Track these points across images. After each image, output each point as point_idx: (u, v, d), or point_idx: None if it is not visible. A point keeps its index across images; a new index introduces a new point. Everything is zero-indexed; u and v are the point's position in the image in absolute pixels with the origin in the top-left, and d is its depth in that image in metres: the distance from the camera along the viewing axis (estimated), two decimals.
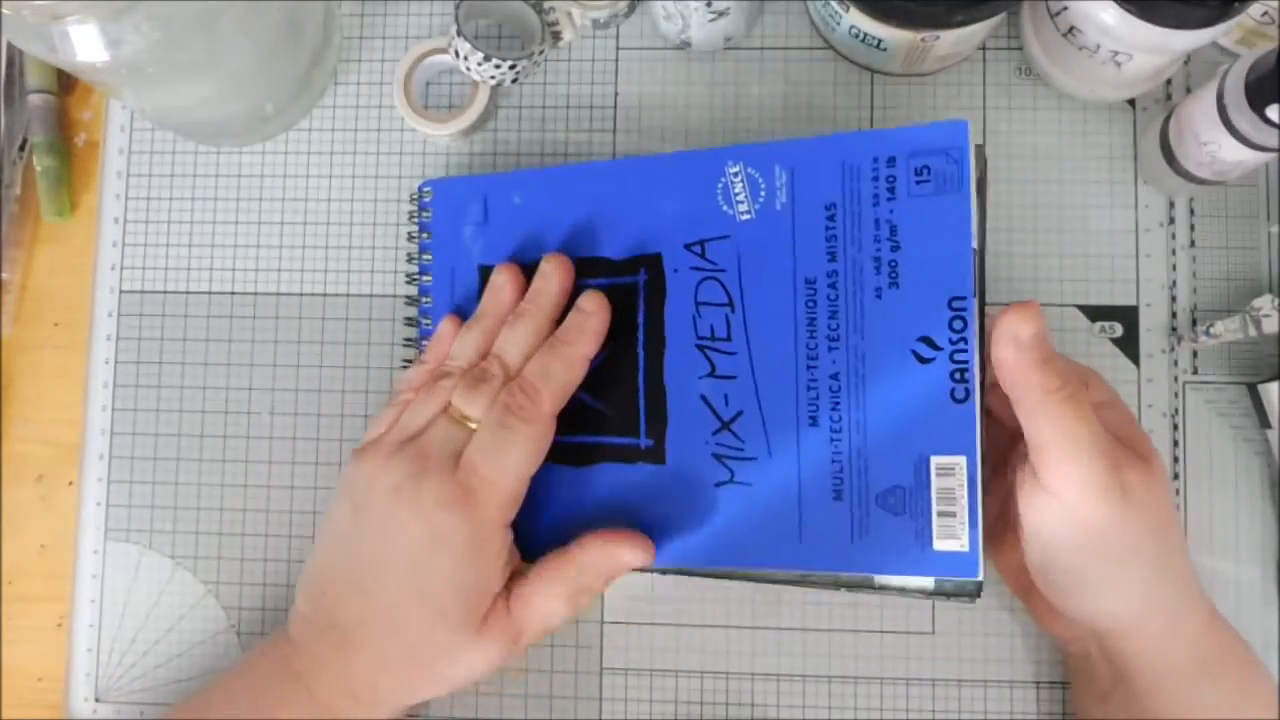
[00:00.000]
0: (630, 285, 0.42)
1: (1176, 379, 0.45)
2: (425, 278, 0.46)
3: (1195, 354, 0.45)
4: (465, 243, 0.45)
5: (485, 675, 0.39)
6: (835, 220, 0.39)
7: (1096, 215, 0.46)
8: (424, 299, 0.46)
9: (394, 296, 0.47)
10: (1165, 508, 0.37)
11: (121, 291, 0.48)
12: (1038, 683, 0.43)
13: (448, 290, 0.45)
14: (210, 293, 0.48)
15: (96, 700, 0.46)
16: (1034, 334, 0.34)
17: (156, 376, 0.48)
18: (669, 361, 0.41)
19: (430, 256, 0.45)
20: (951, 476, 0.36)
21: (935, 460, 0.37)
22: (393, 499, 0.38)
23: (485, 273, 0.44)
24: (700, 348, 0.40)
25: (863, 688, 0.44)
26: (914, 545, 0.37)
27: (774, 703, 0.44)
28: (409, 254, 0.47)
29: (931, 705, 0.44)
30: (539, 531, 0.41)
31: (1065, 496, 0.35)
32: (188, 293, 0.48)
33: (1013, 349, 0.35)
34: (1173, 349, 0.45)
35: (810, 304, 0.39)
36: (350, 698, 0.39)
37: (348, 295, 0.48)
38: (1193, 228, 0.45)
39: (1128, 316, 0.45)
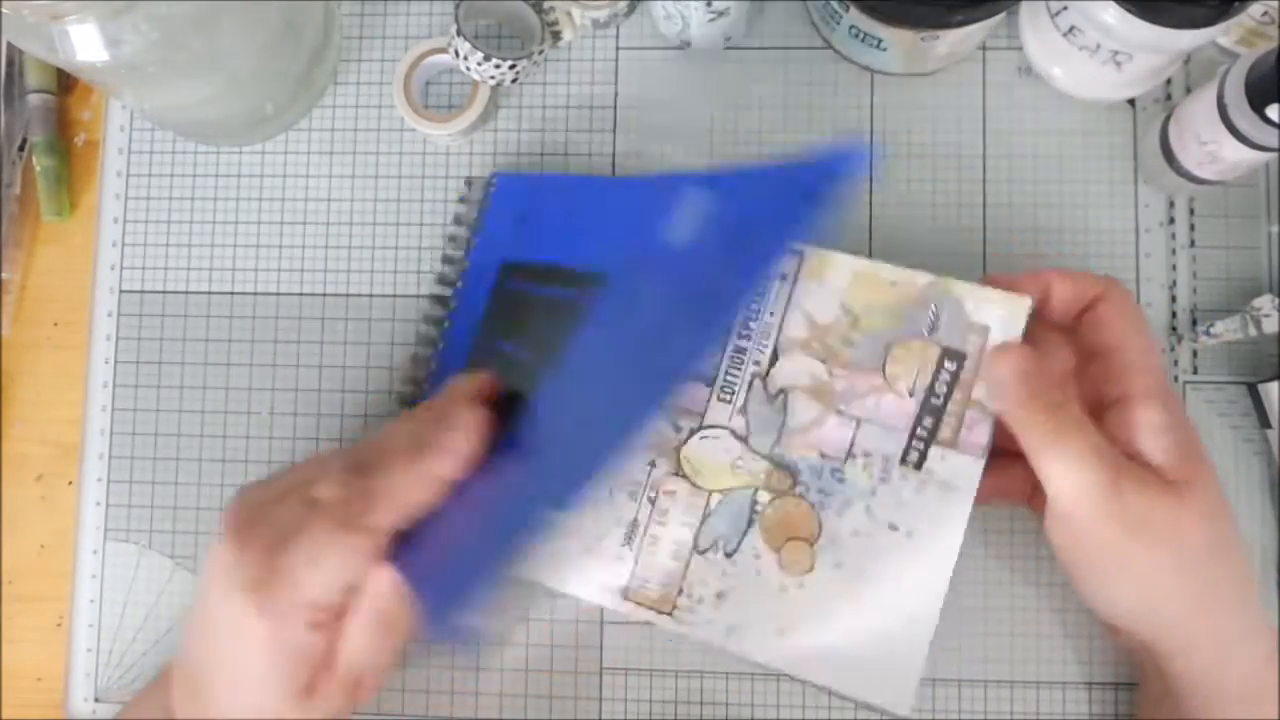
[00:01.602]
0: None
1: (1176, 379, 0.45)
2: (451, 272, 0.46)
3: (1195, 354, 0.45)
4: (503, 239, 0.45)
5: (348, 714, 0.38)
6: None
7: (1096, 215, 0.46)
8: (450, 299, 0.46)
9: (394, 296, 0.47)
10: (1200, 536, 0.36)
11: (121, 291, 0.48)
12: (1039, 683, 0.43)
13: (475, 289, 0.45)
14: (210, 293, 0.48)
15: (96, 700, 0.46)
16: (1012, 375, 0.37)
17: (156, 376, 0.48)
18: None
19: (466, 253, 0.46)
20: None
21: None
22: (219, 573, 0.36)
23: (506, 271, 0.44)
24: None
25: None
26: None
27: (774, 703, 0.44)
28: (446, 248, 0.47)
29: (932, 705, 0.44)
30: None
31: (1072, 518, 0.36)
32: (188, 293, 0.48)
33: (996, 393, 0.38)
34: (1173, 349, 0.45)
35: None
36: None
37: (347, 295, 0.48)
38: (1193, 228, 0.45)
39: None
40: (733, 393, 0.42)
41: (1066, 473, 0.35)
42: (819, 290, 0.41)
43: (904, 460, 0.40)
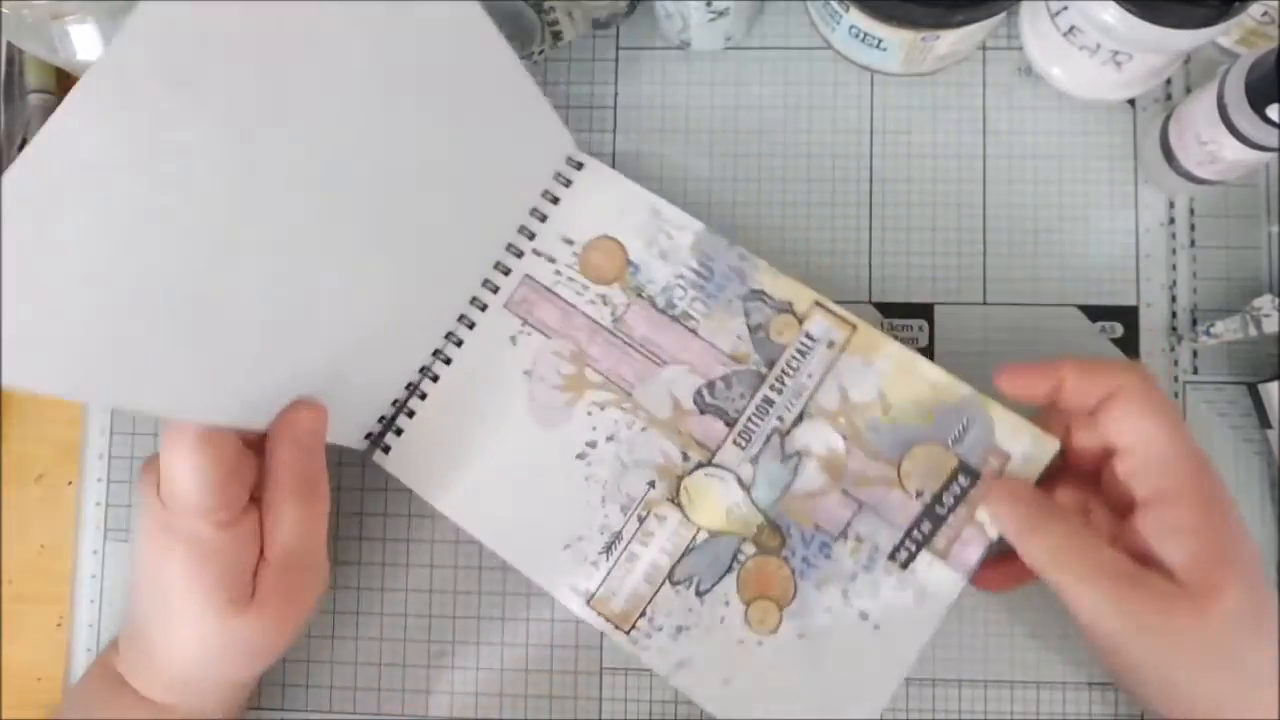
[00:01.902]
0: None
1: (1176, 379, 0.45)
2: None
3: (1195, 354, 0.45)
4: None
5: (291, 632, 0.39)
6: None
7: (1096, 215, 0.46)
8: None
9: None
10: (1229, 639, 0.34)
11: None
12: (1039, 683, 0.43)
13: None
14: None
15: None
16: (1010, 520, 0.38)
17: None
18: None
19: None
20: None
21: None
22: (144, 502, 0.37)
23: None
24: None
25: None
26: None
27: None
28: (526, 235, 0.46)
29: (932, 705, 0.44)
30: None
31: (1092, 632, 0.37)
32: None
33: (995, 521, 0.39)
34: (1173, 349, 0.45)
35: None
36: (168, 690, 0.39)
37: None
38: (1193, 228, 0.45)
39: (1128, 316, 0.45)
40: (749, 440, 0.42)
41: (1074, 596, 0.36)
42: (861, 369, 0.42)
43: (893, 556, 0.41)
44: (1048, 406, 0.39)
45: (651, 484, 0.43)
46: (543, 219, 0.45)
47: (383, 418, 0.44)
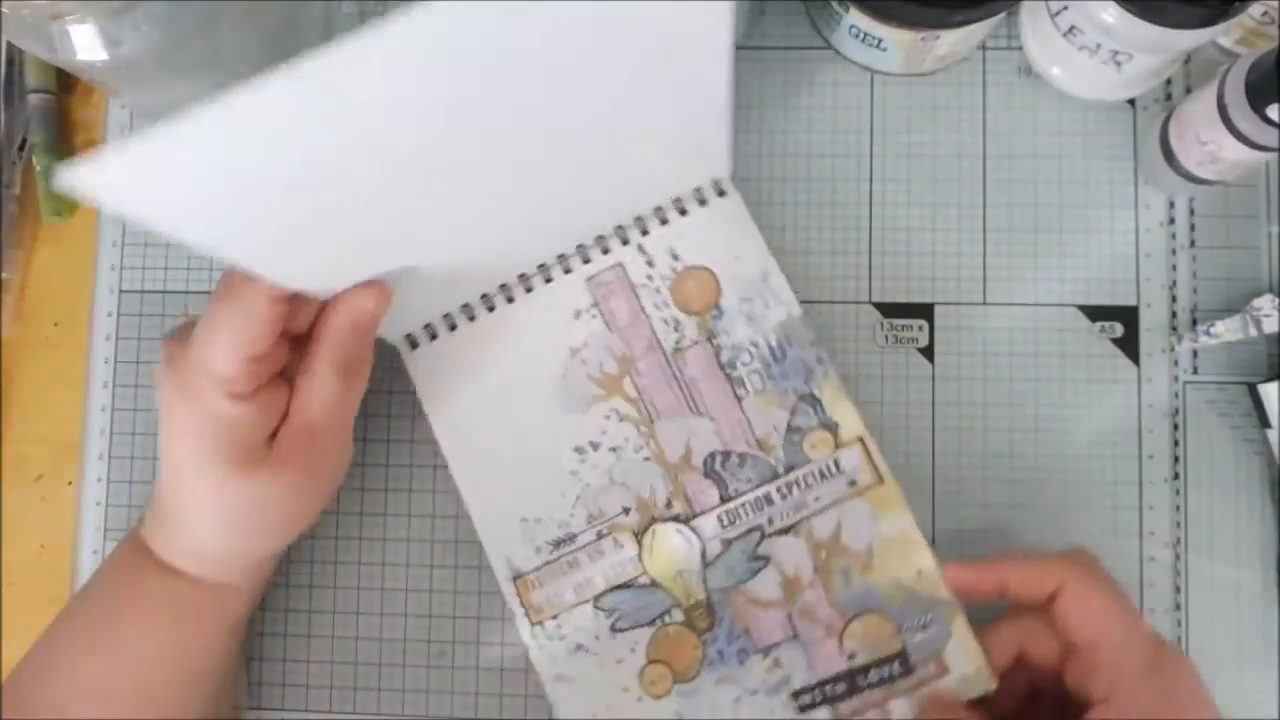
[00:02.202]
0: None
1: (1176, 379, 0.45)
2: None
3: (1195, 354, 0.45)
4: None
5: (310, 502, 0.39)
6: None
7: (1096, 215, 0.46)
8: None
9: None
10: None
11: (121, 291, 0.48)
12: None
13: None
14: (210, 293, 0.48)
15: None
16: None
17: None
18: None
19: None
20: None
21: None
22: (163, 368, 0.38)
23: None
24: None
25: None
26: None
27: None
28: None
29: None
30: None
31: None
32: (187, 293, 0.48)
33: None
34: (1173, 349, 0.45)
35: None
36: (193, 558, 0.39)
37: None
38: (1193, 228, 0.45)
39: (1128, 316, 0.45)
40: (732, 523, 0.43)
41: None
42: (866, 519, 0.42)
43: (796, 695, 0.41)
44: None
45: (627, 510, 0.43)
46: (663, 223, 0.44)
47: (428, 325, 0.44)
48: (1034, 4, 0.44)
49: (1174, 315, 0.45)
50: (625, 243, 0.44)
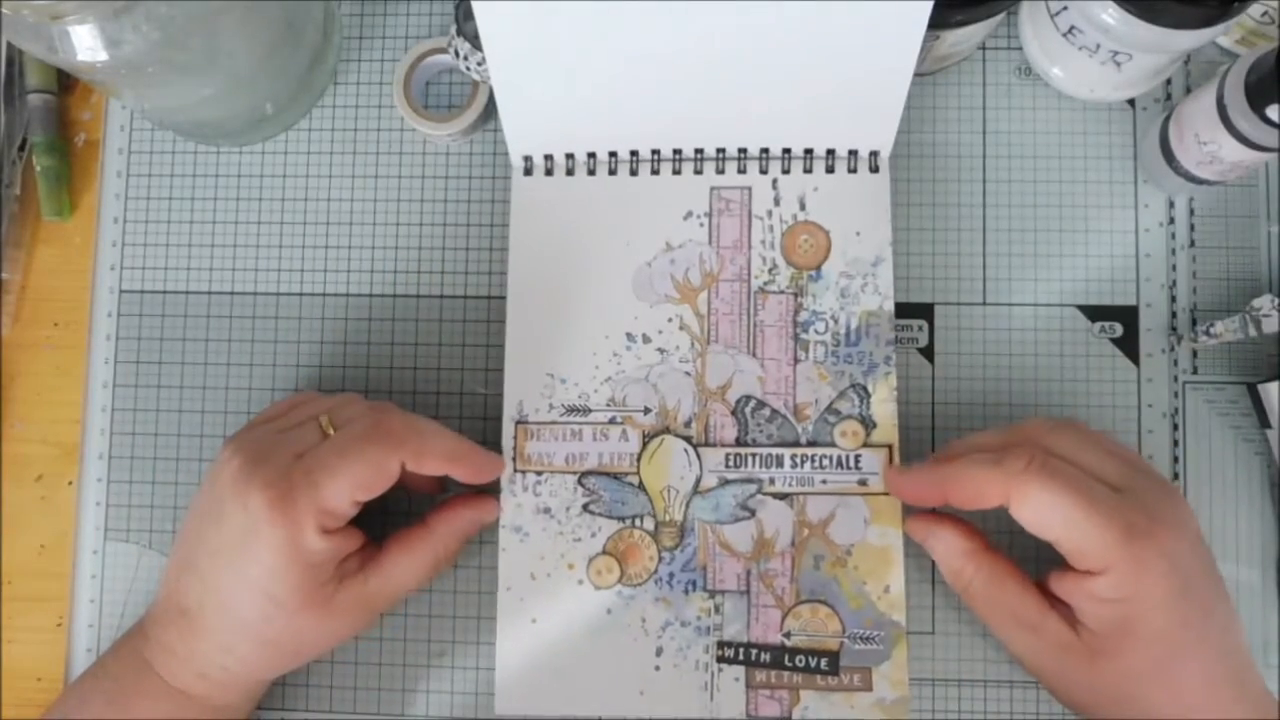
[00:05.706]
0: None
1: (1176, 379, 0.45)
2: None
3: (1195, 354, 0.45)
4: None
5: (339, 644, 0.41)
6: None
7: (1096, 215, 0.46)
8: None
9: (393, 296, 0.47)
10: (1120, 692, 0.37)
11: (121, 291, 0.48)
12: (1039, 683, 0.43)
13: None
14: (210, 293, 0.48)
15: None
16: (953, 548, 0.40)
17: (156, 376, 0.48)
18: None
19: None
20: None
21: None
22: (230, 480, 0.38)
23: None
24: None
25: None
26: None
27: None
28: None
29: (931, 705, 0.44)
30: None
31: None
32: (188, 293, 0.48)
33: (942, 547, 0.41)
34: (1173, 349, 0.45)
35: None
36: (202, 680, 0.39)
37: (347, 295, 0.48)
38: (1193, 228, 0.45)
39: (1128, 316, 0.45)
40: (736, 467, 0.43)
41: (987, 624, 0.40)
42: (858, 520, 0.43)
43: (720, 646, 0.42)
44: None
45: (648, 410, 0.44)
46: (807, 170, 0.45)
47: (548, 155, 0.45)
48: (1034, 4, 0.44)
49: (1174, 315, 0.45)
50: (764, 171, 0.45)
